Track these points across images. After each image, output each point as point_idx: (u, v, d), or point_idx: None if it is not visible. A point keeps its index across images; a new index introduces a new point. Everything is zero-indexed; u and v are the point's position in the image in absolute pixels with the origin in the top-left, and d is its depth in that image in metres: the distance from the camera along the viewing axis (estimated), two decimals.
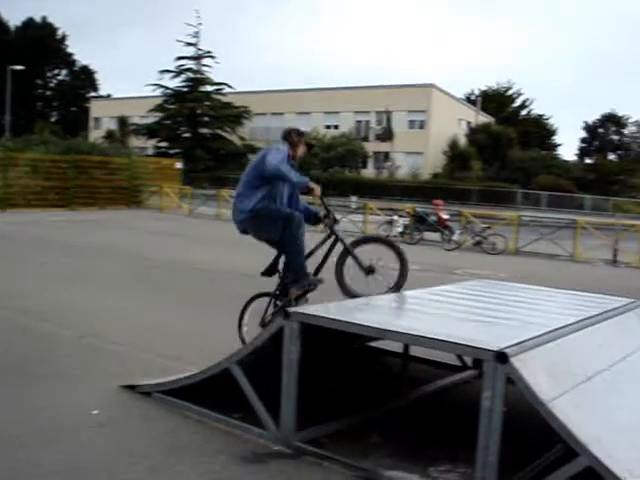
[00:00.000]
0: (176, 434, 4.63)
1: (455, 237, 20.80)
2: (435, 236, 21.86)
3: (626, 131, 78.06)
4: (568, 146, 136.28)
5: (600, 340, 4.38)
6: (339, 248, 6.18)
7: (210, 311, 9.02)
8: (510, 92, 73.86)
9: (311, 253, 6.18)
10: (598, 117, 76.92)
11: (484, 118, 60.62)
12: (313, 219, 6.35)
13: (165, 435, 4.61)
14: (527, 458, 4.08)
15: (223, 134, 58.56)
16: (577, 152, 76.74)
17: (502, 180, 47.44)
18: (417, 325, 4.21)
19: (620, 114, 76.41)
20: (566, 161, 63.01)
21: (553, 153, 66.56)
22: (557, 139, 75.83)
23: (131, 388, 5.34)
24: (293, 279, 6.11)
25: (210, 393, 4.88)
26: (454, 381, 5.95)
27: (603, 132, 76.98)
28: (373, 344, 6.05)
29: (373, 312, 4.89)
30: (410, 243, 21.35)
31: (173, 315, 8.70)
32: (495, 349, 3.42)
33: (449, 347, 3.78)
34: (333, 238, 6.22)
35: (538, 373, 3.51)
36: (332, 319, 4.28)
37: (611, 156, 74.02)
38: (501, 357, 3.39)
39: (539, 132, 70.43)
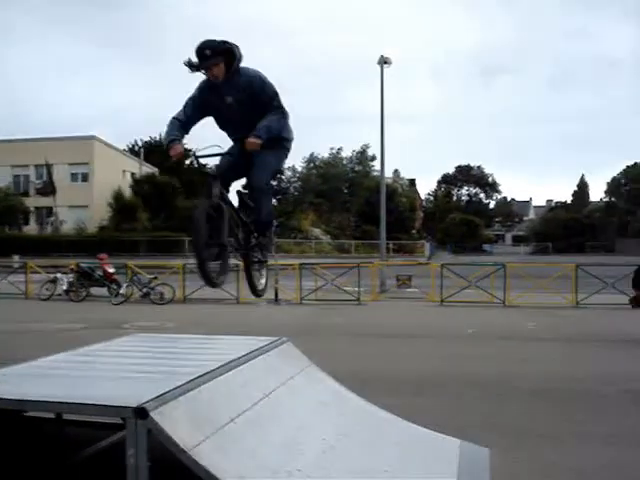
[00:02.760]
0: None
1: (122, 290, 20.49)
2: (103, 291, 21.39)
3: (283, 177, 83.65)
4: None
5: (244, 381, 4.57)
6: None
7: None
8: None
9: None
10: None
11: (148, 169, 60.93)
12: None
13: None
14: None
15: None
16: None
17: (170, 229, 47.93)
18: (61, 391, 4.05)
19: None
20: None
21: None
22: None
23: None
24: None
25: None
26: (117, 440, 5.81)
27: None
28: (32, 413, 5.69)
29: (16, 382, 4.60)
30: (76, 300, 20.64)
31: None
32: (134, 405, 3.40)
33: (91, 410, 3.67)
34: None
35: (180, 423, 3.55)
36: None
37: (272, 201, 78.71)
38: (140, 412, 3.38)
39: (203, 180, 72.23)
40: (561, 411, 7.48)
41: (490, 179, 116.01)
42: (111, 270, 21.55)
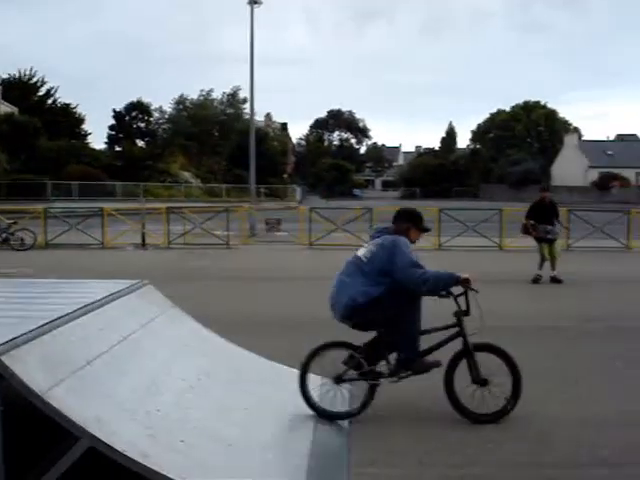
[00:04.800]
0: None
1: None
2: None
3: (152, 119, 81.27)
4: (98, 134, 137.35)
5: (102, 324, 4.54)
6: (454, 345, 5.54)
7: None
8: (34, 80, 71.15)
9: (425, 332, 5.52)
10: (125, 105, 78.52)
11: (7, 108, 57.66)
12: None
13: None
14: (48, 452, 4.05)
15: None
16: (106, 140, 77.37)
17: (32, 172, 45.79)
18: None
19: (146, 101, 79.15)
20: (95, 149, 63.49)
21: (83, 142, 66.24)
22: (86, 127, 75.02)
23: None
24: (405, 360, 5.34)
25: None
26: None
27: (130, 119, 78.89)
28: None
29: None
30: None
31: None
32: None
33: None
34: (457, 330, 5.51)
35: (33, 367, 3.51)
36: None
37: (140, 143, 76.31)
38: None
39: (68, 121, 69.08)
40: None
41: (361, 124, 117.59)
42: None
